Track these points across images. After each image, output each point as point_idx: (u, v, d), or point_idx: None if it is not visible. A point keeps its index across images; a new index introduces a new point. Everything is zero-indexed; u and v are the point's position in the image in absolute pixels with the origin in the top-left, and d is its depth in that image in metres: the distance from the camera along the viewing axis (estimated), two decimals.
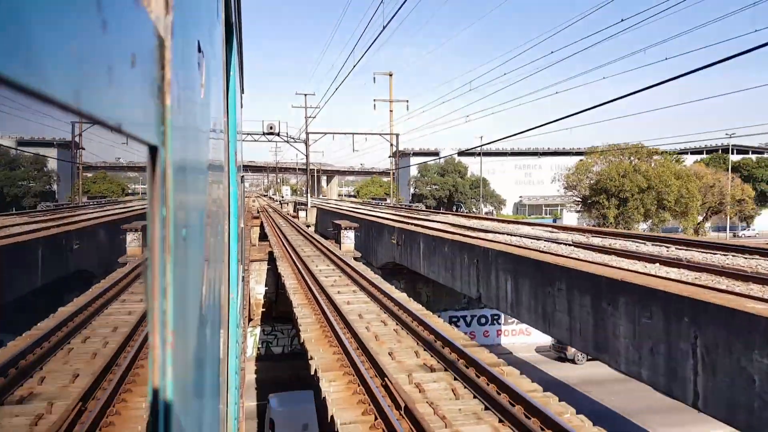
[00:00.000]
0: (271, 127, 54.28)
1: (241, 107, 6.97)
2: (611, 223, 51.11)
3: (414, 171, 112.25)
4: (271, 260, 27.28)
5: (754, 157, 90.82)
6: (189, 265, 0.93)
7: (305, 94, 54.51)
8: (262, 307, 26.76)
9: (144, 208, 0.74)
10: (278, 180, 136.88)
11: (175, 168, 0.75)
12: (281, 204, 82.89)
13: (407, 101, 56.35)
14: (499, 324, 30.89)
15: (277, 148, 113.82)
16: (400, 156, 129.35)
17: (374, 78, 54.50)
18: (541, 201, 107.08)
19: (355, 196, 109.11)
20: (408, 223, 27.05)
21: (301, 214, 53.43)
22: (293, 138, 54.47)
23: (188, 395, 0.97)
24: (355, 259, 27.38)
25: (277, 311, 26.60)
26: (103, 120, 0.48)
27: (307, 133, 54.13)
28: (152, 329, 0.71)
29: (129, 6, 0.55)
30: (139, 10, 0.60)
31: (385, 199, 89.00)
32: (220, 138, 1.87)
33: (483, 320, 30.61)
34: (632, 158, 54.07)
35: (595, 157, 60.57)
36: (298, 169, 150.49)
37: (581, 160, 67.19)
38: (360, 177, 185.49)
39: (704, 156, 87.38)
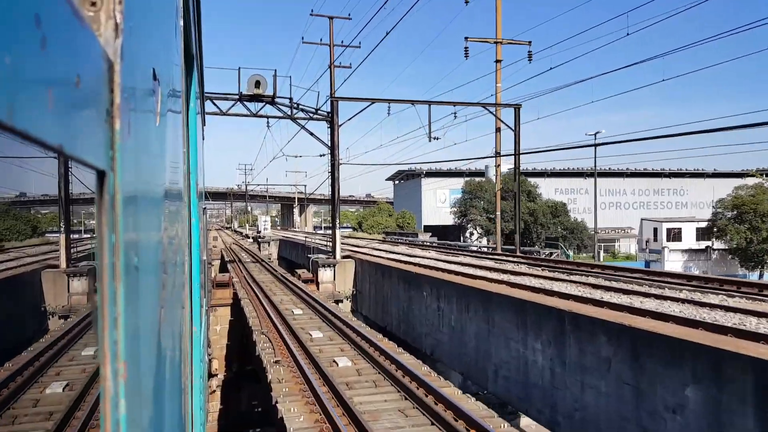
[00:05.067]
0: (257, 85, 25.24)
1: (203, 139, 6.62)
2: None
3: (438, 195, 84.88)
4: None
5: None
6: (142, 295, 0.90)
7: (330, 17, 26.09)
8: None
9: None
10: (248, 209, 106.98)
11: (125, 194, 0.73)
12: (258, 243, 53.29)
13: (529, 43, 28.59)
14: None
15: (264, 139, 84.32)
16: (403, 179, 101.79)
17: None
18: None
19: (355, 229, 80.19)
20: None
21: (324, 275, 24.47)
22: (305, 109, 25.71)
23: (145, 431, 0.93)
24: None
25: None
26: (40, 139, 0.46)
27: (334, 99, 25.43)
28: (103, 361, 0.69)
29: (73, 25, 0.55)
30: (85, 31, 0.60)
31: (416, 234, 60.41)
32: (179, 167, 1.80)
33: None
34: None
35: None
36: (270, 196, 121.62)
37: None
38: (343, 207, 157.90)
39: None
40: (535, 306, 11.66)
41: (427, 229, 75.36)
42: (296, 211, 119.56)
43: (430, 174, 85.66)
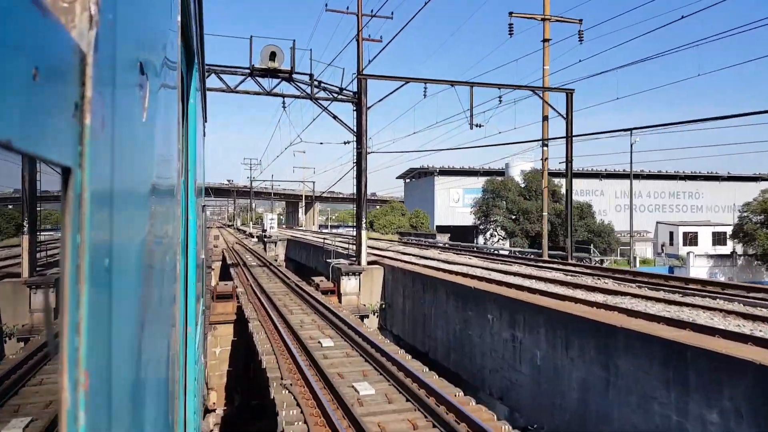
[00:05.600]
0: (272, 57, 21.45)
1: (204, 135, 6.46)
2: None
3: (452, 194, 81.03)
4: None
5: None
6: (116, 299, 0.86)
7: None
8: None
9: None
10: (252, 206, 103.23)
11: (95, 192, 0.70)
12: (264, 243, 49.34)
13: (580, 22, 24.75)
14: None
15: (279, 123, 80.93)
16: (414, 177, 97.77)
17: None
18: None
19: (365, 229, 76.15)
20: None
21: (348, 284, 20.68)
22: (328, 88, 21.88)
23: None
24: None
25: None
26: None
27: (362, 77, 21.49)
28: (61, 369, 0.64)
29: (35, 17, 0.54)
30: (50, 21, 0.59)
31: (433, 235, 56.30)
32: (171, 164, 1.71)
33: None
34: None
35: None
36: (275, 193, 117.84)
37: None
38: (349, 205, 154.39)
39: None
40: (703, 355, 7.68)
41: (440, 229, 71.65)
42: (302, 209, 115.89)
43: (444, 172, 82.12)
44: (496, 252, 36.94)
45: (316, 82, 21.62)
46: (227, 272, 30.97)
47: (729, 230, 68.12)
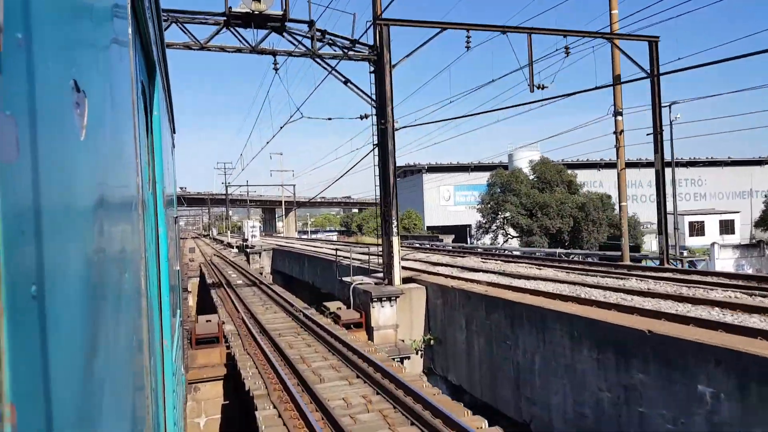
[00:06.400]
0: None
1: (173, 147, 6.60)
2: None
3: (442, 192, 75.35)
4: None
5: None
6: (51, 327, 0.83)
7: None
8: None
9: None
10: (228, 214, 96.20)
11: (13, 215, 0.68)
12: (247, 255, 42.72)
13: None
14: None
15: (268, 94, 73.63)
16: (399, 176, 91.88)
17: None
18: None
19: (354, 233, 70.08)
20: None
21: (382, 314, 14.31)
22: (336, 40, 15.66)
23: None
24: None
25: None
26: None
27: (382, 22, 15.37)
28: None
29: None
30: None
31: (436, 238, 50.22)
32: (127, 180, 1.73)
33: None
34: None
35: None
36: (251, 200, 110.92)
37: None
38: (324, 209, 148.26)
39: None
40: None
41: (432, 230, 66.15)
42: (282, 215, 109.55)
43: (432, 169, 76.73)
44: (545, 255, 30.82)
45: (318, 33, 15.43)
46: (207, 295, 24.61)
47: (737, 217, 64.12)
